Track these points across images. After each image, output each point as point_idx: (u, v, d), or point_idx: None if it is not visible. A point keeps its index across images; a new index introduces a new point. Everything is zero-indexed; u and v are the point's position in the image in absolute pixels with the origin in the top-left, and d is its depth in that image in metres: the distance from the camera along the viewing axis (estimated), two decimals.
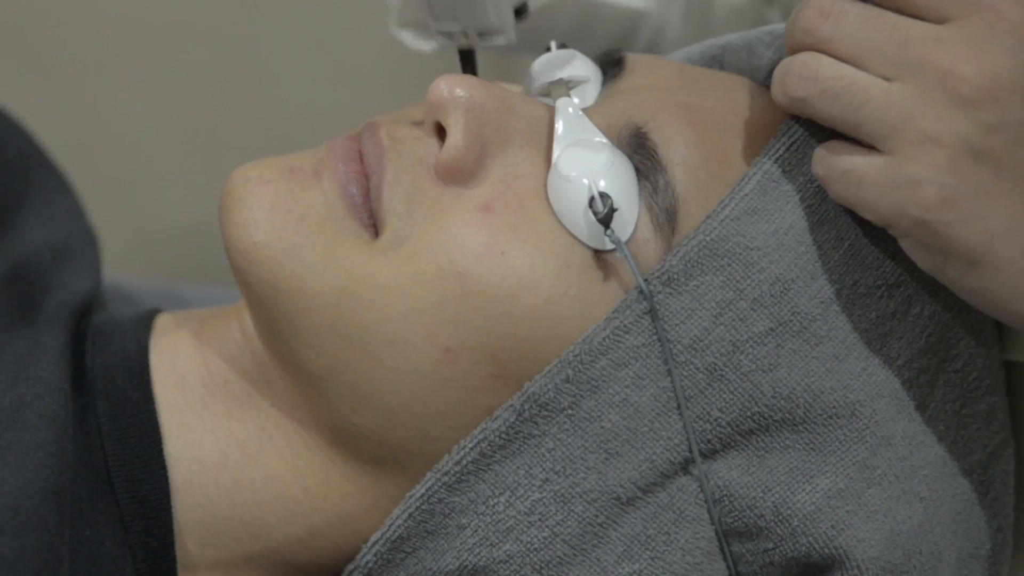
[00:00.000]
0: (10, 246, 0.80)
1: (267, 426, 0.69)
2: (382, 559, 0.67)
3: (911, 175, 0.61)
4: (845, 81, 0.62)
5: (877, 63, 0.61)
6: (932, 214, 0.61)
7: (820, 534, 0.66)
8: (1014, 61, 0.61)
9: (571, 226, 0.65)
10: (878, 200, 0.62)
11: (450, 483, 0.66)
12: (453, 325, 0.64)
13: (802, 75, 0.63)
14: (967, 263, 0.62)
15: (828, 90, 0.62)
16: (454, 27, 0.71)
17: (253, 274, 0.66)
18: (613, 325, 0.65)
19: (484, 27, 0.71)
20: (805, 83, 0.63)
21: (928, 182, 0.60)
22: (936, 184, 0.60)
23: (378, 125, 0.69)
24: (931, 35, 0.61)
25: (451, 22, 0.71)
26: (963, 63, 0.60)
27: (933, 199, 0.60)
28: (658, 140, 0.66)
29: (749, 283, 0.65)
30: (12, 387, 0.68)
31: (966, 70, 0.60)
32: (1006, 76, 0.60)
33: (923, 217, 0.61)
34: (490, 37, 0.71)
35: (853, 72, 0.62)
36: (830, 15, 0.62)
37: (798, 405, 0.66)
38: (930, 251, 0.62)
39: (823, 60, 0.62)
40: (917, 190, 0.61)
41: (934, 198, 0.60)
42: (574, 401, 0.65)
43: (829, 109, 0.62)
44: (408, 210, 0.66)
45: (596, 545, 0.66)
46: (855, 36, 0.62)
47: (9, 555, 0.61)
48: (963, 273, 0.62)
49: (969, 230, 0.61)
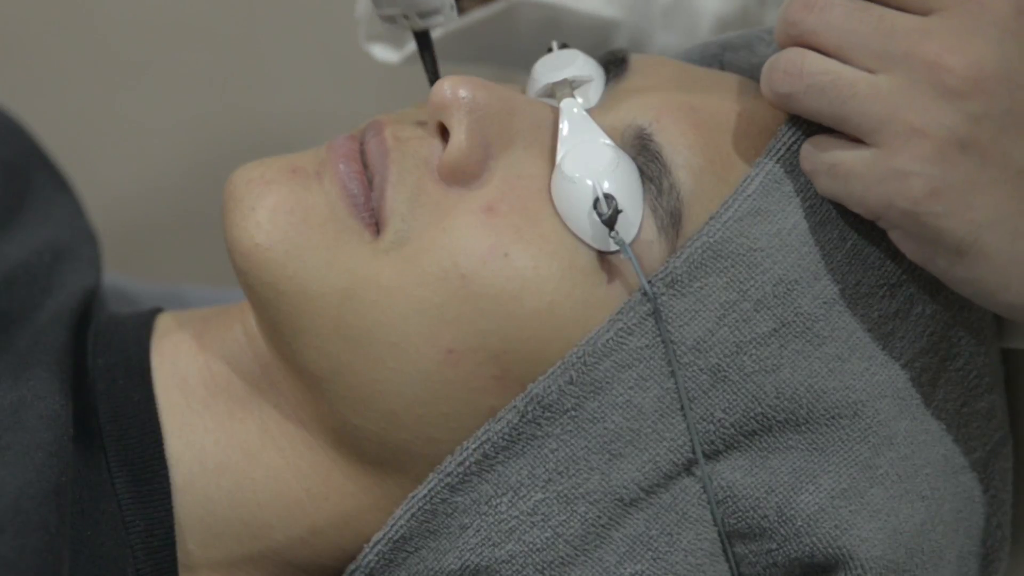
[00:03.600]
0: (10, 246, 0.79)
1: (269, 426, 0.69)
2: (384, 559, 0.67)
3: (898, 167, 0.61)
4: (831, 76, 0.62)
5: (862, 56, 0.62)
6: (920, 206, 0.61)
7: (824, 534, 0.66)
8: (998, 51, 0.61)
9: (575, 228, 0.65)
10: (865, 193, 0.62)
11: (453, 483, 0.66)
12: (456, 327, 0.64)
13: (787, 71, 0.63)
14: (955, 253, 0.62)
15: (814, 85, 0.62)
16: (394, 10, 0.71)
17: (255, 276, 0.66)
18: (617, 327, 0.65)
19: (422, 8, 0.71)
20: (791, 79, 0.63)
21: (915, 174, 0.61)
22: (923, 176, 0.60)
23: (382, 125, 0.69)
24: (916, 27, 0.61)
25: (391, 6, 0.71)
26: (948, 54, 0.60)
27: (920, 191, 0.61)
28: (662, 142, 0.66)
29: (752, 284, 0.65)
30: (12, 388, 0.68)
31: (952, 61, 0.60)
32: (991, 67, 0.60)
33: (911, 209, 0.61)
34: (430, 17, 0.71)
35: (839, 66, 0.62)
36: (815, 7, 0.63)
37: (801, 405, 0.66)
38: (919, 242, 0.63)
39: (808, 55, 0.63)
40: (904, 182, 0.61)
41: (921, 190, 0.61)
42: (577, 403, 0.65)
43: (815, 104, 0.63)
44: (411, 211, 0.66)
45: (598, 546, 0.66)
46: (840, 28, 0.62)
47: (9, 555, 0.61)
48: (952, 263, 0.62)
49: (956, 221, 0.61)
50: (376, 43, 0.90)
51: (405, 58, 0.90)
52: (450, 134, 0.66)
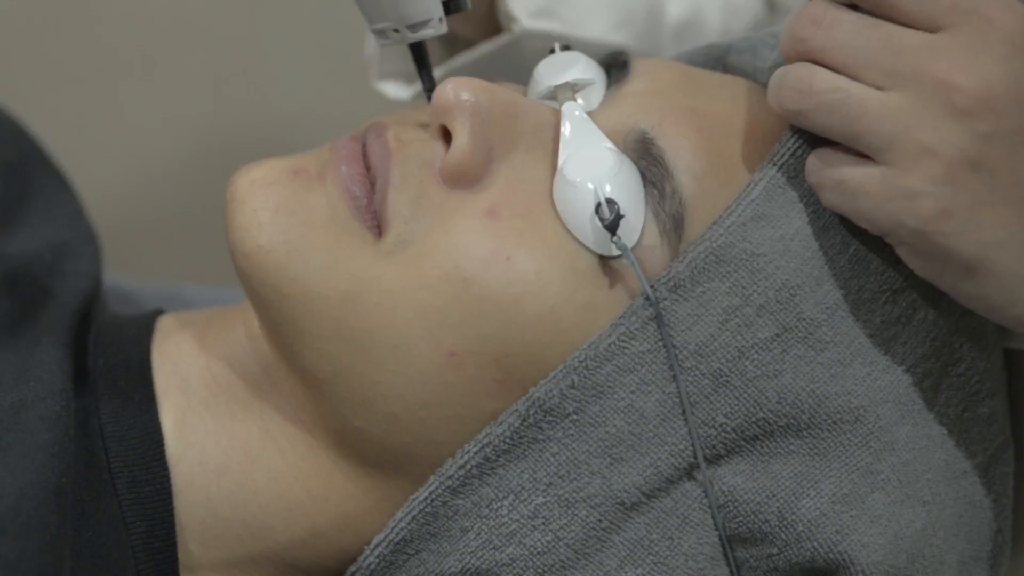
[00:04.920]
0: (11, 246, 0.79)
1: (270, 428, 0.69)
2: (384, 561, 0.67)
3: (908, 187, 0.61)
4: (840, 94, 0.62)
5: (871, 73, 0.61)
6: (929, 225, 0.61)
7: (824, 539, 0.66)
8: (1008, 69, 0.61)
9: (577, 232, 0.65)
10: (874, 210, 0.62)
11: (454, 486, 0.66)
12: (458, 330, 0.64)
13: (796, 88, 0.63)
14: (964, 271, 0.62)
15: (823, 103, 0.62)
16: (385, 24, 0.71)
17: (257, 277, 0.66)
18: (619, 331, 0.65)
19: (411, 20, 0.71)
20: (800, 96, 0.63)
21: (925, 194, 0.60)
22: (933, 196, 0.60)
23: (385, 127, 0.69)
24: (925, 44, 0.61)
25: (381, 20, 0.71)
26: (958, 73, 0.60)
27: (930, 211, 0.61)
28: (664, 146, 0.66)
29: (755, 289, 0.65)
30: (13, 388, 0.68)
31: (961, 80, 0.60)
32: (1000, 86, 0.60)
33: (920, 228, 0.61)
34: (420, 30, 0.72)
35: (848, 84, 0.62)
36: (822, 24, 0.62)
37: (803, 410, 0.66)
38: (927, 259, 0.63)
39: (817, 72, 0.62)
40: (914, 201, 0.61)
41: (931, 210, 0.61)
42: (579, 407, 0.65)
43: (825, 121, 0.62)
44: (413, 214, 0.66)
45: (599, 549, 0.66)
46: (848, 46, 0.62)
47: (10, 556, 0.61)
48: (960, 280, 0.62)
49: (966, 240, 0.61)
50: (387, 81, 0.91)
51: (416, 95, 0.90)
52: (453, 137, 0.66)
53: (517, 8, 0.83)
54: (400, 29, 0.71)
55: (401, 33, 0.71)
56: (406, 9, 0.71)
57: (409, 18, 0.71)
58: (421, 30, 0.72)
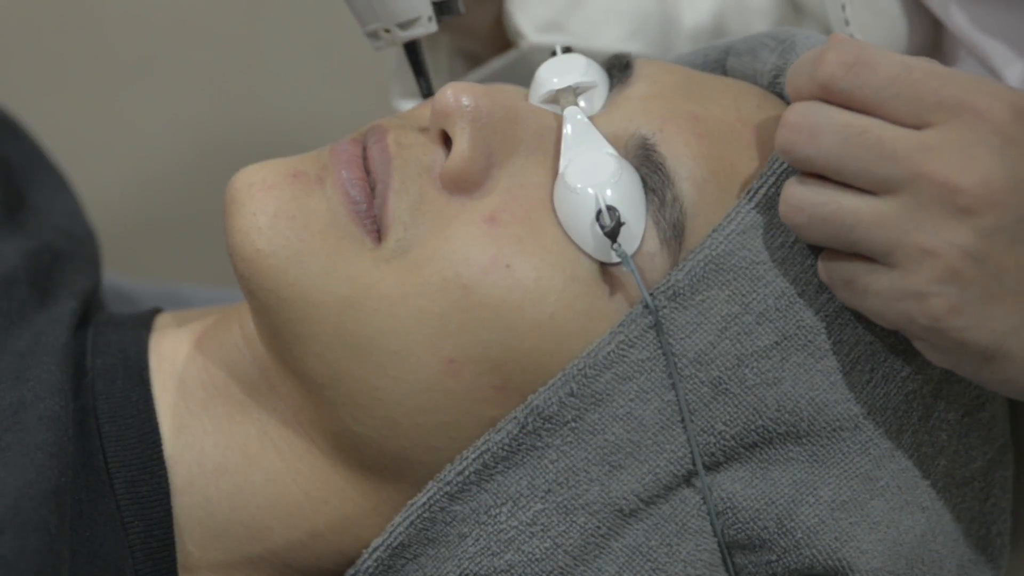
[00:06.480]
0: (10, 246, 0.79)
1: (268, 429, 0.69)
2: (382, 565, 0.67)
3: (915, 288, 0.60)
4: (832, 206, 0.61)
5: (863, 181, 0.61)
6: (941, 323, 0.60)
7: (824, 546, 0.66)
8: (1003, 161, 0.60)
9: (577, 239, 0.65)
10: (885, 309, 0.62)
11: (452, 492, 0.66)
12: (457, 337, 0.64)
13: (788, 203, 0.63)
14: (981, 360, 0.61)
15: (815, 216, 0.62)
16: (376, 25, 0.72)
17: (256, 281, 0.66)
18: (618, 339, 0.64)
19: (401, 19, 0.72)
20: (795, 212, 0.62)
21: (933, 294, 0.60)
22: (941, 295, 0.60)
23: (385, 130, 0.68)
24: (917, 145, 0.60)
25: (373, 21, 0.71)
26: (956, 173, 0.59)
27: (940, 309, 0.60)
28: (665, 153, 0.66)
29: (755, 297, 0.65)
30: (12, 388, 0.68)
31: (961, 180, 0.59)
32: (998, 179, 0.59)
33: (933, 326, 0.61)
34: (410, 28, 0.72)
35: (838, 194, 0.61)
36: (803, 132, 0.61)
37: (802, 418, 0.66)
38: (943, 352, 0.62)
39: (807, 184, 0.62)
40: (923, 302, 0.60)
41: (941, 308, 0.60)
42: (578, 414, 0.65)
43: (822, 234, 0.62)
44: (413, 219, 0.66)
45: (597, 556, 0.66)
46: (837, 156, 0.61)
47: (9, 556, 0.61)
48: (979, 368, 0.62)
49: (979, 332, 0.60)
50: (408, 100, 0.91)
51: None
52: (453, 142, 0.66)
53: (524, 23, 0.83)
54: (391, 29, 0.71)
55: (392, 33, 0.72)
56: (394, 7, 0.71)
57: (397, 16, 0.71)
58: (411, 29, 0.72)
